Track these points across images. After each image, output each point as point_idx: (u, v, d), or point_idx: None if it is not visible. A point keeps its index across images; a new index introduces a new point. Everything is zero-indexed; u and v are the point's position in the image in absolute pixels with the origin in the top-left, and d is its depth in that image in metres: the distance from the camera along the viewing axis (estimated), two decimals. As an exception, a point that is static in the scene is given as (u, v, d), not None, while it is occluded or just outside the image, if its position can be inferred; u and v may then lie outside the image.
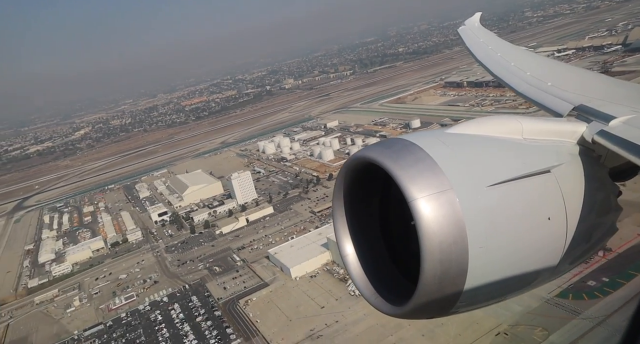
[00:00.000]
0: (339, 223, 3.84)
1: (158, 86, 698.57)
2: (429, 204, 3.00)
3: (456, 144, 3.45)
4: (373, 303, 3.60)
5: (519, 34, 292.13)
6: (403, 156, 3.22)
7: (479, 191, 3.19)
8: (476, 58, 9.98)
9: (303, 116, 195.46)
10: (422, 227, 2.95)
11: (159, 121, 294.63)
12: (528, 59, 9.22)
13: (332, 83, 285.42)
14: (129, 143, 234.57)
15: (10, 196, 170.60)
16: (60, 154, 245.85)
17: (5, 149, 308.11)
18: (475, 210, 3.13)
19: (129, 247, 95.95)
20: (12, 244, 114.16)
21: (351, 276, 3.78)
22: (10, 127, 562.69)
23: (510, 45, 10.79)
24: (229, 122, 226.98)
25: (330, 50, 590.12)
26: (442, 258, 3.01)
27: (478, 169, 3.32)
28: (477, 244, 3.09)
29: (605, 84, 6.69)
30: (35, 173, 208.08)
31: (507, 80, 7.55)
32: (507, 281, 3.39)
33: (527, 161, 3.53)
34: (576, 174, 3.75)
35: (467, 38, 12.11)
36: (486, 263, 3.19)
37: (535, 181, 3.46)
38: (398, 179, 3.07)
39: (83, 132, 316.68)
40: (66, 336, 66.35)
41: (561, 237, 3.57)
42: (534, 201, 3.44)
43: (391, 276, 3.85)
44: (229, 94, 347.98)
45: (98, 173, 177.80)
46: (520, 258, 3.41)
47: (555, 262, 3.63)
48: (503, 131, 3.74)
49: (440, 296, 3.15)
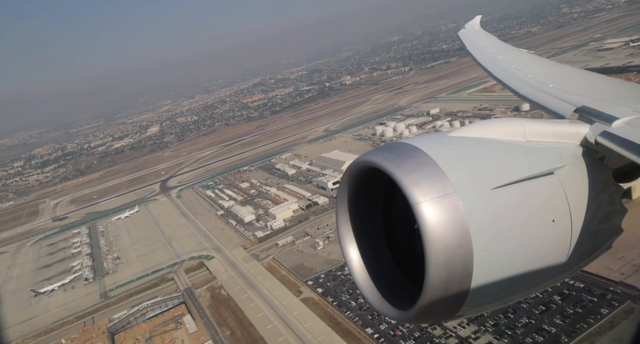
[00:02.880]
0: (343, 228, 3.87)
1: (180, 88, 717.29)
2: (433, 207, 2.99)
3: (459, 148, 3.46)
4: (378, 307, 3.63)
5: (568, 29, 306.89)
6: (406, 160, 3.22)
7: (482, 194, 3.18)
8: (477, 61, 10.27)
9: (392, 106, 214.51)
10: (426, 231, 2.95)
11: (231, 117, 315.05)
12: (529, 61, 9.45)
13: (394, 78, 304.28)
14: (220, 135, 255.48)
15: (144, 180, 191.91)
16: (151, 148, 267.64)
17: (88, 145, 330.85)
18: (479, 213, 3.11)
19: (321, 209, 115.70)
20: (199, 212, 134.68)
21: (356, 281, 3.81)
22: (56, 129, 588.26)
23: (511, 47, 11.22)
24: (315, 114, 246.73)
25: (361, 51, 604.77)
26: (447, 261, 2.99)
27: (481, 172, 3.32)
28: (482, 247, 3.08)
29: (607, 85, 6.79)
30: (144, 163, 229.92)
31: (508, 83, 7.67)
32: (513, 283, 3.38)
33: (530, 163, 3.52)
34: (580, 176, 3.75)
35: (467, 41, 12.54)
36: (491, 266, 3.18)
37: (538, 183, 3.45)
38: (401, 183, 3.08)
39: (155, 129, 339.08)
40: (336, 263, 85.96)
41: (566, 239, 3.56)
42: (538, 203, 3.44)
43: (396, 281, 3.89)
44: (287, 91, 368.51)
45: (216, 159, 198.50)
46: (526, 261, 3.40)
47: (561, 263, 3.62)
48: (505, 133, 3.76)
49: (446, 299, 3.13)
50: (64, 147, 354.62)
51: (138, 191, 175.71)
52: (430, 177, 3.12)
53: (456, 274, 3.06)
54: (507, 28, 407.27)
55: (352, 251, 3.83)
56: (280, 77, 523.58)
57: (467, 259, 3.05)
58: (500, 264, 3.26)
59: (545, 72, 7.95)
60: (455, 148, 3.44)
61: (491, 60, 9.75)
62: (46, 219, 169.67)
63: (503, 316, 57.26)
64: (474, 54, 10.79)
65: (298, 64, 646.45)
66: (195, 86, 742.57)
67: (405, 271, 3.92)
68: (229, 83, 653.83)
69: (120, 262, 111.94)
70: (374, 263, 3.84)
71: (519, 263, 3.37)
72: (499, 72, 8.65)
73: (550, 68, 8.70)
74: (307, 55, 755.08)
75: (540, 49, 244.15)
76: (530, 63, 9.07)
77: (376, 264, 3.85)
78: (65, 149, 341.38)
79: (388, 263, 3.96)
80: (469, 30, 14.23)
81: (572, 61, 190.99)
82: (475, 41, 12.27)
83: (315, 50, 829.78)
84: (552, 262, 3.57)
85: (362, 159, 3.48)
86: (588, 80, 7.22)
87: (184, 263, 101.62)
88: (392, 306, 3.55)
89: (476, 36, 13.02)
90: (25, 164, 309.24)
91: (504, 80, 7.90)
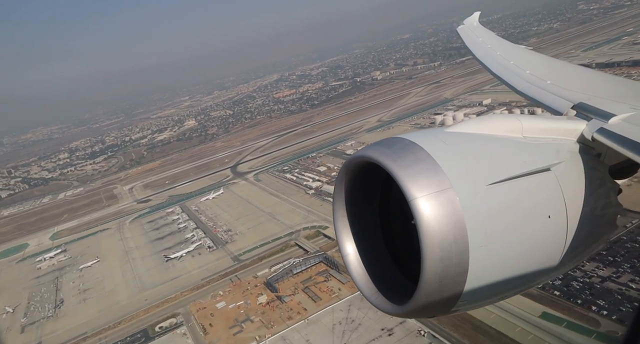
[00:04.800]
0: (340, 223, 3.90)
1: (191, 86, 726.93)
2: (429, 203, 3.01)
3: (456, 143, 3.49)
4: (374, 302, 3.65)
5: (592, 24, 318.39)
6: (403, 155, 3.24)
7: (479, 189, 3.20)
8: (475, 56, 10.39)
9: (437, 98, 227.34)
10: (423, 226, 2.97)
11: (270, 111, 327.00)
12: (527, 57, 9.49)
13: (426, 73, 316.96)
14: (267, 127, 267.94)
15: (210, 167, 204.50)
16: (199, 140, 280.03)
17: (129, 138, 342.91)
18: (476, 209, 3.13)
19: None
20: (288, 192, 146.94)
21: (352, 276, 3.82)
22: (76, 125, 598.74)
23: (510, 44, 11.22)
24: (359, 107, 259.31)
25: (374, 48, 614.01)
26: (443, 256, 3.00)
27: (478, 167, 3.34)
28: (478, 243, 3.09)
29: (604, 82, 6.80)
30: (199, 152, 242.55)
31: (506, 79, 7.69)
32: (508, 278, 3.40)
33: (527, 159, 3.55)
34: (576, 172, 3.78)
35: (466, 37, 12.91)
36: (487, 261, 3.20)
37: (535, 179, 3.48)
38: (398, 178, 3.10)
39: (192, 123, 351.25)
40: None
41: (562, 235, 3.59)
42: (534, 199, 3.46)
43: (392, 275, 3.92)
44: (317, 86, 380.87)
45: (276, 148, 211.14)
46: (521, 256, 3.43)
47: (556, 260, 3.66)
48: (503, 129, 3.79)
49: (442, 294, 3.15)
50: (102, 140, 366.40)
51: (211, 176, 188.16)
52: (427, 172, 3.14)
53: (452, 270, 3.07)
54: (526, 25, 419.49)
55: (349, 246, 3.89)
56: (301, 74, 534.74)
57: (463, 255, 3.06)
58: (496, 260, 3.28)
59: (543, 68, 8.01)
60: (453, 144, 3.47)
61: (490, 56, 9.86)
62: (129, 201, 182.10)
63: (637, 260, 69.66)
64: (472, 50, 11.02)
65: (309, 61, 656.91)
66: (207, 83, 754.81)
67: (401, 266, 4.00)
68: (243, 80, 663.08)
69: (234, 233, 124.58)
70: (370, 258, 3.89)
71: (514, 259, 3.40)
72: (497, 68, 8.71)
73: (548, 64, 8.79)
74: (316, 52, 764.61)
75: (571, 44, 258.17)
76: (529, 59, 9.19)
77: (373, 259, 3.90)
78: (105, 142, 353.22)
79: (384, 257, 4.04)
80: (467, 26, 14.62)
81: (609, 54, 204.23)
82: (473, 37, 12.54)
83: (321, 48, 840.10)
84: (547, 258, 3.62)
85: (359, 154, 3.54)
86: (586, 77, 7.20)
87: (300, 232, 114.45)
88: (388, 300, 3.59)
89: (475, 32, 13.31)
90: (71, 156, 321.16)
91: (502, 76, 7.93)
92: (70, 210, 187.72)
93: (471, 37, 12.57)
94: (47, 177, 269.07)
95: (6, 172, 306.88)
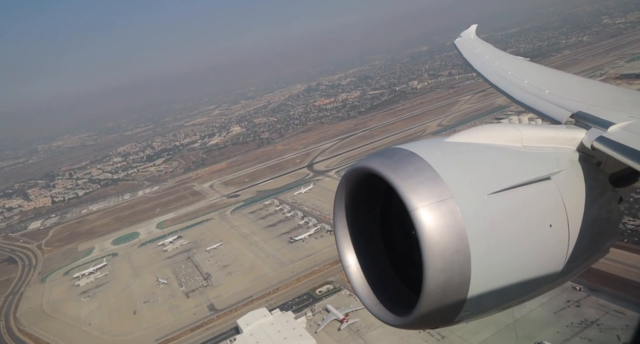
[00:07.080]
0: (341, 234, 3.91)
1: (211, 96, 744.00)
2: (430, 213, 3.00)
3: (456, 153, 3.50)
4: (376, 313, 3.64)
5: (625, 38, 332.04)
6: (403, 166, 3.25)
7: (479, 199, 3.20)
8: (474, 68, 10.66)
9: (491, 105, 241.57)
10: (424, 236, 2.97)
11: (319, 117, 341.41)
12: (525, 67, 9.61)
13: (467, 83, 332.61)
14: (323, 132, 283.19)
15: (283, 167, 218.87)
16: (258, 143, 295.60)
17: (179, 142, 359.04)
18: (477, 218, 3.12)
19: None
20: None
21: (354, 287, 3.81)
22: (105, 133, 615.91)
23: (507, 55, 11.55)
24: (411, 113, 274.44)
25: (396, 60, 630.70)
26: (445, 267, 2.98)
27: (478, 177, 3.34)
28: (480, 253, 3.07)
29: (602, 90, 6.86)
30: (263, 155, 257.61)
31: (504, 89, 7.75)
32: (511, 288, 3.36)
33: (527, 168, 3.55)
34: (576, 181, 3.77)
35: (463, 49, 13.17)
36: (489, 271, 3.17)
37: (535, 188, 3.47)
38: (398, 189, 3.11)
39: (238, 129, 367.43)
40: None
41: (564, 244, 3.58)
42: (535, 208, 3.45)
43: (394, 287, 3.91)
44: (356, 95, 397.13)
45: (344, 149, 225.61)
46: (524, 266, 3.40)
47: (559, 268, 3.63)
48: (502, 138, 3.80)
49: (444, 305, 3.13)
50: (151, 145, 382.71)
51: (291, 174, 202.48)
52: (427, 182, 3.14)
53: (454, 280, 3.04)
54: (553, 38, 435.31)
55: (350, 257, 3.89)
56: (329, 84, 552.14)
57: (464, 265, 3.05)
58: (499, 270, 3.26)
59: (541, 78, 8.06)
60: (452, 154, 3.49)
61: (487, 67, 10.07)
62: (217, 196, 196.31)
63: None
64: (470, 61, 11.37)
65: (328, 72, 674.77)
66: (227, 93, 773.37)
67: (403, 277, 4.00)
68: (264, 90, 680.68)
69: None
70: (371, 269, 3.89)
71: (517, 268, 3.38)
72: (496, 78, 8.76)
73: (546, 74, 8.81)
74: (334, 64, 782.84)
75: (610, 55, 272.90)
76: (526, 69, 9.27)
77: (374, 270, 3.90)
78: (154, 147, 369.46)
79: (386, 268, 4.04)
80: (465, 38, 15.02)
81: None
82: (471, 49, 12.92)
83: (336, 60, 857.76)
84: (550, 267, 3.60)
85: (359, 165, 3.55)
86: (584, 86, 7.29)
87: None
88: (390, 312, 3.58)
89: (472, 44, 13.80)
90: (126, 159, 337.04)
91: (501, 87, 8.02)
92: (159, 205, 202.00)
93: (469, 49, 12.96)
94: (114, 178, 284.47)
95: (67, 174, 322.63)
